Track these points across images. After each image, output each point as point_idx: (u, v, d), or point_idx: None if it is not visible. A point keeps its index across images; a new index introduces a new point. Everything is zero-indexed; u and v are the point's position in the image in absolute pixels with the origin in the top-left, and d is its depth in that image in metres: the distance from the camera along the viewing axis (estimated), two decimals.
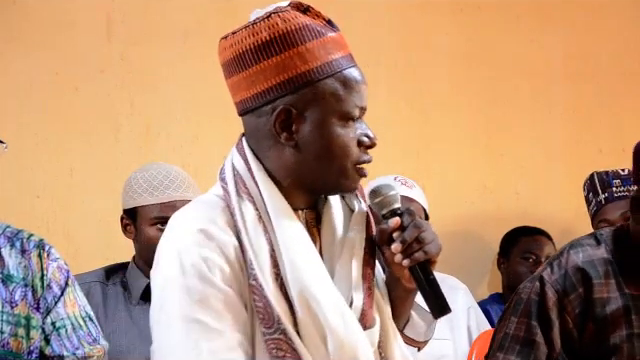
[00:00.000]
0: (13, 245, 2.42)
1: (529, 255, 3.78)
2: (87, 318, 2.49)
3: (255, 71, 1.73)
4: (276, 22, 1.72)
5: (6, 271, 2.39)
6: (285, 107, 1.72)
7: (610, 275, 2.30)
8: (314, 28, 1.73)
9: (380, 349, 1.78)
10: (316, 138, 1.72)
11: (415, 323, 1.86)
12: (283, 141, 1.73)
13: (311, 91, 1.72)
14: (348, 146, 1.73)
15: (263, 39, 1.72)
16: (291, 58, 1.71)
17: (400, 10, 3.98)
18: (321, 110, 1.72)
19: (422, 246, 1.72)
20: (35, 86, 3.49)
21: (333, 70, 1.73)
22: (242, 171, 1.76)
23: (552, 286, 2.29)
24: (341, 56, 1.74)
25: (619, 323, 2.26)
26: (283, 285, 1.69)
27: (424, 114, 3.99)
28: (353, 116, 1.74)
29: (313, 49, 1.72)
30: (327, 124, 1.72)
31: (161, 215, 2.91)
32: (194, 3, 3.70)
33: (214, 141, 3.55)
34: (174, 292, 1.67)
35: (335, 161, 1.73)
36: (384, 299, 1.82)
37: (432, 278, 1.73)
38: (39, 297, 2.41)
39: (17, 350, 2.35)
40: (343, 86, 1.73)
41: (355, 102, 1.74)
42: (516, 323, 2.31)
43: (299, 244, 1.71)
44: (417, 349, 1.87)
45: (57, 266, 2.45)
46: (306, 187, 1.76)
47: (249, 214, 1.72)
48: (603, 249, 2.33)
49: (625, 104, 4.20)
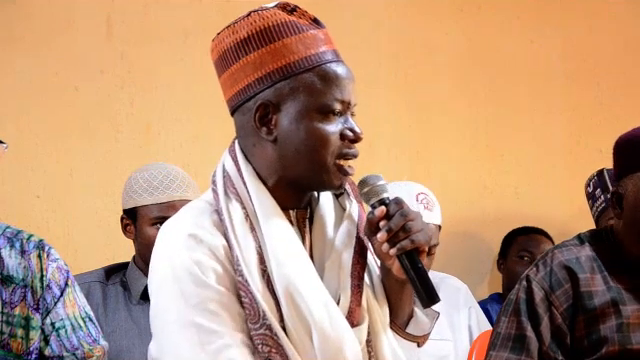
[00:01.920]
0: (13, 246, 2.42)
1: (524, 253, 3.81)
2: (87, 318, 2.49)
3: (236, 68, 1.76)
4: (254, 20, 1.76)
5: (6, 272, 2.39)
6: (263, 102, 1.74)
7: (595, 270, 2.34)
8: (293, 24, 1.75)
9: (369, 347, 1.78)
10: (294, 131, 1.73)
11: (419, 320, 1.85)
12: (264, 136, 1.75)
13: (288, 85, 1.73)
14: (327, 139, 1.73)
15: (242, 37, 1.75)
16: (269, 53, 1.74)
17: (400, 10, 3.98)
18: (298, 103, 1.73)
19: (409, 235, 1.71)
20: (35, 86, 3.49)
21: (311, 64, 1.74)
22: (231, 172, 1.78)
23: (538, 283, 2.34)
24: (321, 51, 1.75)
25: (608, 314, 2.29)
26: (270, 282, 1.70)
27: (424, 114, 3.99)
28: (333, 109, 1.74)
29: (291, 44, 1.74)
30: (305, 117, 1.73)
31: (161, 215, 2.91)
32: (194, 3, 3.70)
33: (214, 141, 3.55)
34: (169, 298, 1.69)
35: (314, 154, 1.73)
36: (378, 298, 1.82)
37: (420, 267, 1.72)
38: (39, 298, 2.41)
39: (17, 351, 2.36)
40: (321, 80, 1.74)
41: (335, 95, 1.74)
42: (507, 322, 2.35)
43: (285, 241, 1.72)
44: (416, 344, 1.85)
45: (57, 267, 2.45)
46: (292, 185, 1.77)
47: (236, 213, 1.74)
48: (587, 248, 2.38)
49: (625, 104, 4.20)
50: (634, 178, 2.31)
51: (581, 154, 4.14)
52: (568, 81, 4.18)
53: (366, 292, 1.79)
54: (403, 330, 1.84)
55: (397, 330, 1.83)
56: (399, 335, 1.83)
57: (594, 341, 2.29)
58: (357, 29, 3.87)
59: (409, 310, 1.85)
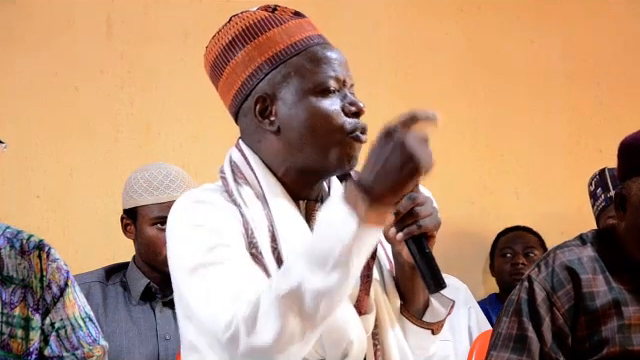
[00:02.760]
0: (13, 246, 2.42)
1: (506, 251, 3.86)
2: (87, 318, 2.49)
3: (228, 73, 1.78)
4: (236, 22, 1.78)
5: (5, 272, 2.39)
6: (260, 95, 1.75)
7: (597, 271, 2.33)
8: (275, 18, 1.77)
9: (375, 340, 1.76)
10: (294, 116, 1.73)
11: (435, 309, 1.81)
12: (267, 128, 1.75)
13: (279, 73, 1.74)
14: (330, 116, 1.72)
15: (227, 41, 1.78)
16: (255, 49, 1.75)
17: (400, 10, 3.98)
18: (292, 88, 1.73)
19: (416, 219, 1.69)
20: (35, 86, 3.50)
21: (298, 49, 1.74)
22: (239, 162, 1.78)
23: (540, 284, 2.33)
24: (307, 36, 1.76)
25: (610, 315, 2.29)
26: (280, 260, 1.69)
27: None
28: (328, 87, 1.73)
29: (274, 36, 1.75)
30: (301, 99, 1.73)
31: (161, 215, 2.91)
32: (194, 3, 3.70)
33: (214, 141, 3.55)
34: (182, 243, 1.70)
35: (319, 133, 1.72)
36: (388, 291, 1.80)
37: (427, 252, 1.69)
38: (38, 298, 2.41)
39: (16, 351, 2.35)
40: (311, 61, 1.74)
41: (327, 73, 1.73)
42: (508, 322, 2.34)
43: (294, 224, 1.72)
44: (430, 332, 1.82)
45: (57, 267, 2.45)
46: (302, 172, 1.76)
47: (247, 194, 1.74)
48: (589, 248, 2.37)
49: (625, 104, 4.20)
50: (639, 181, 2.31)
51: (581, 154, 4.14)
52: (568, 81, 4.18)
53: (374, 286, 1.77)
54: (416, 317, 1.80)
55: (409, 317, 1.80)
56: (411, 322, 1.80)
57: (595, 342, 2.28)
58: (357, 29, 3.87)
59: (424, 298, 1.81)
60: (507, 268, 3.81)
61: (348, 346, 1.69)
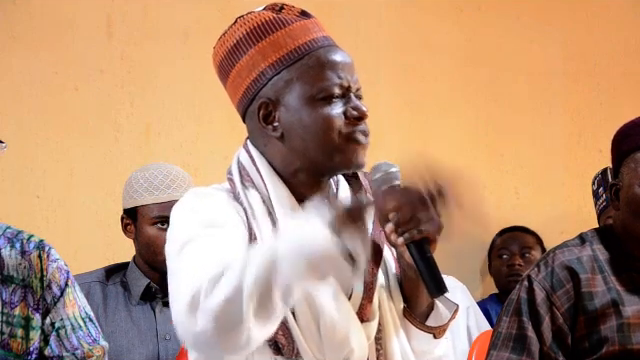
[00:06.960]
0: (13, 246, 2.42)
1: (502, 252, 3.87)
2: (87, 318, 2.49)
3: (234, 75, 1.77)
4: (240, 25, 1.77)
5: (6, 272, 2.39)
6: (263, 101, 1.75)
7: (596, 271, 2.34)
8: (279, 19, 1.75)
9: (379, 345, 1.76)
10: (296, 122, 1.73)
11: (439, 313, 1.81)
12: (271, 134, 1.75)
13: (282, 78, 1.73)
14: (330, 121, 1.71)
15: (232, 44, 1.77)
16: (258, 53, 1.74)
17: (400, 10, 3.98)
18: (295, 94, 1.73)
19: (417, 224, 1.67)
20: (35, 86, 3.49)
21: (302, 53, 1.73)
22: (246, 164, 1.78)
23: (539, 284, 2.34)
24: (311, 39, 1.75)
25: (609, 314, 2.30)
26: None
27: (424, 114, 3.99)
28: (331, 93, 1.72)
29: (278, 39, 1.74)
30: (304, 105, 1.72)
31: (161, 215, 2.91)
32: (194, 3, 3.70)
33: (214, 141, 3.55)
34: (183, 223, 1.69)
35: (320, 137, 1.72)
36: (393, 296, 1.80)
37: (428, 256, 1.69)
38: (38, 298, 2.41)
39: (16, 351, 2.36)
40: (314, 66, 1.73)
41: (331, 79, 1.73)
42: (508, 322, 2.36)
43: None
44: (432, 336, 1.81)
45: (57, 267, 2.45)
46: (309, 174, 1.76)
47: (253, 198, 1.74)
48: (588, 248, 2.38)
49: (625, 104, 4.20)
50: (627, 161, 2.32)
51: (581, 154, 4.14)
52: (568, 81, 4.18)
53: (379, 291, 1.77)
54: (418, 321, 1.80)
55: (412, 320, 1.79)
56: (413, 325, 1.79)
57: (595, 341, 2.29)
58: (357, 29, 3.87)
59: (428, 301, 1.81)
60: (504, 269, 3.81)
61: (349, 353, 1.69)
